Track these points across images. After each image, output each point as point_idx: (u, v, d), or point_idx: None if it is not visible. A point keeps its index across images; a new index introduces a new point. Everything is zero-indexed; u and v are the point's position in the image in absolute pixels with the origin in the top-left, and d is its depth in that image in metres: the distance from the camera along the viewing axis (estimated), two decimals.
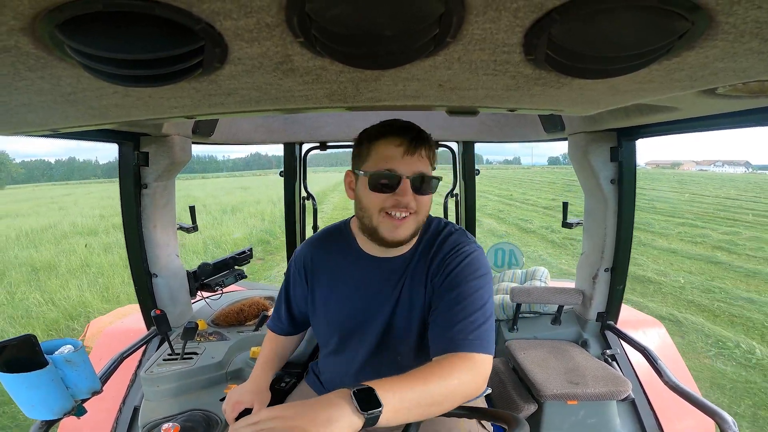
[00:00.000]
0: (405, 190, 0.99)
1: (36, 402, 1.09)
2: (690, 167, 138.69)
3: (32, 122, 0.82)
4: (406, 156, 0.99)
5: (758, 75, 0.60)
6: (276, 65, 0.55)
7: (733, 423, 1.20)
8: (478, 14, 0.42)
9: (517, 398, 1.62)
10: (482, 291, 1.02)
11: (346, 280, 1.17)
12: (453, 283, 1.04)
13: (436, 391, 0.83)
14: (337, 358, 1.24)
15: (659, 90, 0.71)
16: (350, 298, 1.16)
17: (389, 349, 1.15)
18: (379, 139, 1.03)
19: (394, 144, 1.00)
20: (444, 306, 1.02)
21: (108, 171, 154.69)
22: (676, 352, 2.11)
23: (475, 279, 1.03)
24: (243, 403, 1.20)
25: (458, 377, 0.88)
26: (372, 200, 1.02)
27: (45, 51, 0.46)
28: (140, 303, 1.83)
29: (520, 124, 2.07)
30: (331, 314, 1.19)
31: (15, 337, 1.04)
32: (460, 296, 1.01)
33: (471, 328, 0.96)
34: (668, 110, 1.04)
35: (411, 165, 1.00)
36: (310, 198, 2.54)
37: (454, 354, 0.94)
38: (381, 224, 1.03)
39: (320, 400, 0.74)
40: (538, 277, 2.34)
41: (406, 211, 1.01)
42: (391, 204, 1.00)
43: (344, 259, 1.18)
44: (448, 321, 0.99)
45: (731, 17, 0.42)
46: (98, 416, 1.60)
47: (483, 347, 0.95)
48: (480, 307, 1.00)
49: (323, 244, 1.24)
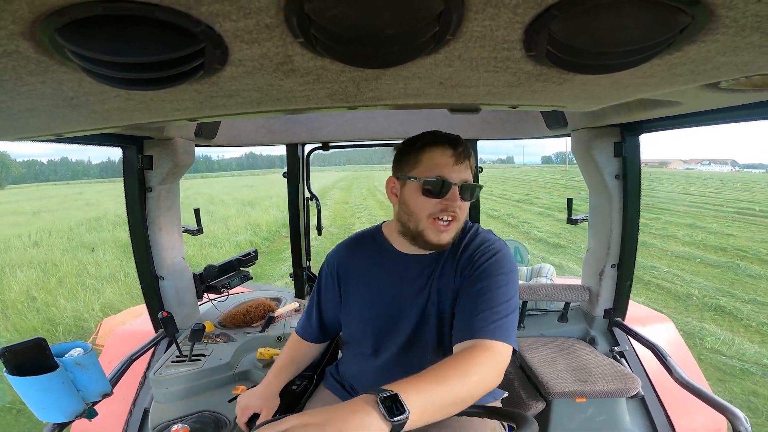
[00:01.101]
0: (454, 196, 1.06)
1: (47, 405, 1.10)
2: (677, 166, 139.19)
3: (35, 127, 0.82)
4: (456, 165, 1.06)
5: (761, 69, 0.60)
6: (277, 66, 0.55)
7: (745, 419, 1.18)
8: (478, 11, 0.42)
9: (525, 396, 1.61)
10: (508, 287, 1.06)
11: (379, 279, 1.21)
12: (480, 277, 1.07)
13: (458, 389, 0.84)
14: (369, 358, 1.24)
15: (662, 84, 0.70)
16: (384, 296, 1.19)
17: (420, 346, 1.17)
18: (428, 148, 1.09)
19: (445, 154, 1.07)
20: (469, 297, 1.06)
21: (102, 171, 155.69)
22: (685, 348, 2.09)
23: (502, 275, 1.07)
24: (251, 408, 1.21)
25: (478, 371, 0.89)
26: (421, 205, 1.08)
27: (46, 55, 0.47)
28: (148, 305, 1.85)
29: (522, 121, 2.06)
30: (366, 313, 1.22)
31: (25, 341, 1.05)
32: (485, 289, 1.05)
33: (493, 318, 1.00)
34: (671, 105, 1.03)
35: (460, 173, 1.07)
36: (313, 198, 2.54)
37: (474, 342, 0.97)
38: (428, 228, 1.08)
39: (347, 406, 0.73)
40: (544, 274, 2.33)
41: (451, 215, 1.07)
42: (440, 209, 1.06)
43: (377, 259, 1.23)
44: (471, 310, 1.03)
45: (732, 11, 0.42)
46: (109, 418, 1.62)
47: (503, 337, 0.98)
48: (504, 301, 1.03)
49: (355, 248, 1.29)
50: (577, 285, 1.96)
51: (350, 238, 1.34)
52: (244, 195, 27.28)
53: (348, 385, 1.30)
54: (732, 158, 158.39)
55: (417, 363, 1.14)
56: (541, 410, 1.58)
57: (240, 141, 2.09)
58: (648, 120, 1.44)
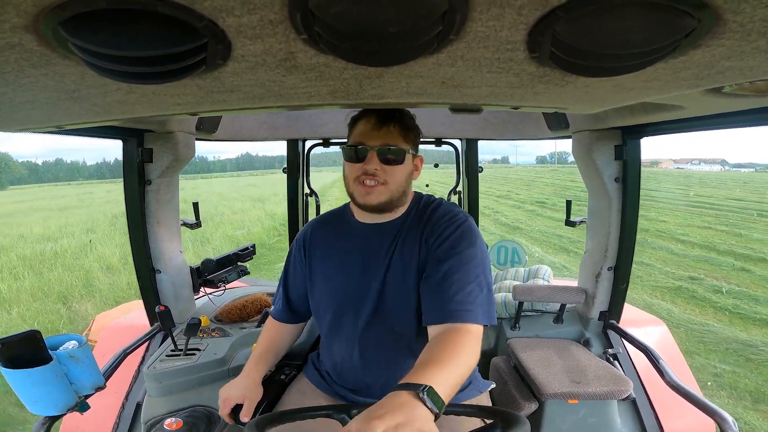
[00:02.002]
0: (371, 159, 1.11)
1: (39, 398, 1.10)
2: (668, 165, 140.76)
3: (36, 119, 0.82)
4: (374, 131, 1.12)
5: (765, 74, 0.60)
6: (279, 62, 0.55)
7: (733, 423, 1.20)
8: (482, 11, 0.42)
9: (518, 396, 1.62)
10: (476, 260, 1.09)
11: (342, 251, 1.24)
12: (449, 254, 1.10)
13: (460, 373, 0.89)
14: (335, 336, 1.24)
15: (665, 88, 0.70)
16: (346, 268, 1.22)
17: (386, 318, 1.17)
18: (357, 120, 1.17)
19: (366, 121, 1.14)
20: (440, 277, 1.08)
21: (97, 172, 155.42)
22: (678, 351, 2.10)
23: (469, 248, 1.10)
24: (233, 399, 1.21)
25: (469, 352, 0.96)
26: (348, 170, 1.16)
27: (49, 48, 0.46)
28: (144, 299, 1.84)
29: (523, 122, 2.06)
30: (329, 287, 1.24)
31: (19, 333, 1.05)
32: (455, 267, 1.07)
33: (469, 299, 1.03)
34: (674, 109, 1.03)
35: (378, 138, 1.11)
36: (312, 194, 2.54)
37: (454, 326, 1.01)
38: (355, 191, 1.15)
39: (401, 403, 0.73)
40: (541, 276, 2.33)
41: (374, 179, 1.11)
42: (362, 173, 1.12)
43: (340, 231, 1.27)
44: (445, 291, 1.05)
45: (739, 16, 0.42)
46: (101, 412, 1.61)
47: (479, 317, 1.03)
48: (475, 277, 1.06)
49: (323, 223, 1.33)
50: (574, 287, 1.97)
51: (322, 214, 1.38)
52: (251, 193, 29.40)
53: (325, 371, 1.30)
54: (722, 158, 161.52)
55: (387, 333, 1.17)
56: (534, 411, 1.59)
57: (241, 136, 2.08)
58: (650, 123, 1.44)
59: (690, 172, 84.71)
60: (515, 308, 2.00)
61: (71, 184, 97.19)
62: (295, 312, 1.37)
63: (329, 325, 1.25)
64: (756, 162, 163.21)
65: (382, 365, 1.18)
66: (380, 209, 1.16)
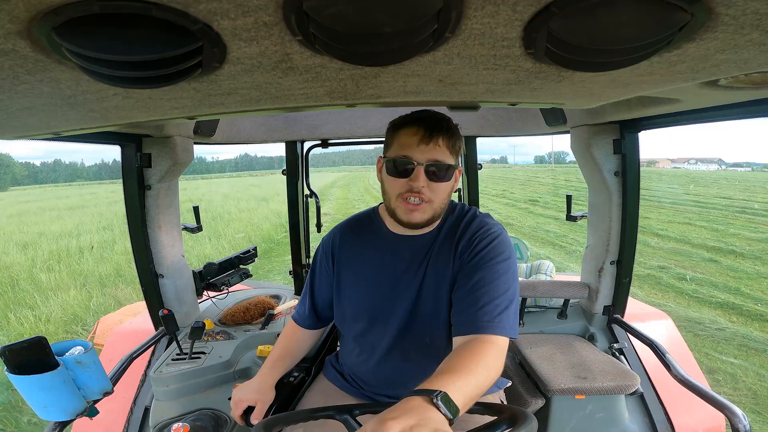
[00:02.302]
0: (418, 176, 1.04)
1: (48, 403, 1.10)
2: (665, 165, 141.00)
3: (34, 126, 0.82)
4: (422, 144, 1.04)
5: (760, 66, 0.59)
6: (275, 64, 0.55)
7: (743, 416, 1.19)
8: (477, 9, 0.42)
9: (525, 393, 1.62)
10: (507, 275, 1.06)
11: (373, 260, 1.20)
12: (480, 264, 1.07)
13: (480, 382, 0.86)
14: (363, 344, 1.23)
15: (661, 82, 0.70)
16: (377, 279, 1.18)
17: (417, 329, 1.16)
18: (400, 128, 1.09)
19: (412, 132, 1.05)
20: (470, 287, 1.05)
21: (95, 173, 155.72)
22: (684, 344, 2.09)
23: (502, 262, 1.07)
24: (246, 401, 1.21)
25: (492, 364, 0.93)
26: (390, 185, 1.09)
27: (43, 54, 0.46)
28: (147, 303, 1.85)
29: (521, 118, 2.06)
30: (359, 296, 1.21)
31: (25, 339, 1.05)
32: (485, 279, 1.04)
33: (496, 312, 1.00)
34: (670, 102, 1.03)
35: (426, 153, 1.04)
36: (312, 196, 2.54)
37: (480, 337, 0.98)
38: (398, 208, 1.08)
39: (414, 407, 0.72)
40: (544, 271, 2.33)
41: (419, 197, 1.05)
42: (406, 189, 1.06)
43: (371, 240, 1.22)
44: (474, 303, 1.02)
45: (731, 9, 0.42)
46: (110, 417, 1.62)
47: (506, 330, 0.99)
48: (504, 291, 1.03)
49: (351, 229, 1.27)
50: (577, 282, 1.97)
51: (347, 220, 1.32)
52: (255, 193, 30.00)
53: (348, 375, 1.29)
54: (718, 157, 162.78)
55: (417, 343, 1.16)
56: (541, 407, 1.59)
57: (239, 138, 2.08)
58: (647, 117, 1.44)
59: (686, 171, 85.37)
60: (519, 304, 2.00)
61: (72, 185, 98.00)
62: (320, 318, 1.34)
63: (357, 334, 1.23)
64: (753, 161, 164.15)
65: (410, 373, 1.15)
66: (422, 227, 1.12)
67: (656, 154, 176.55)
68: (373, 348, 1.21)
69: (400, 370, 1.19)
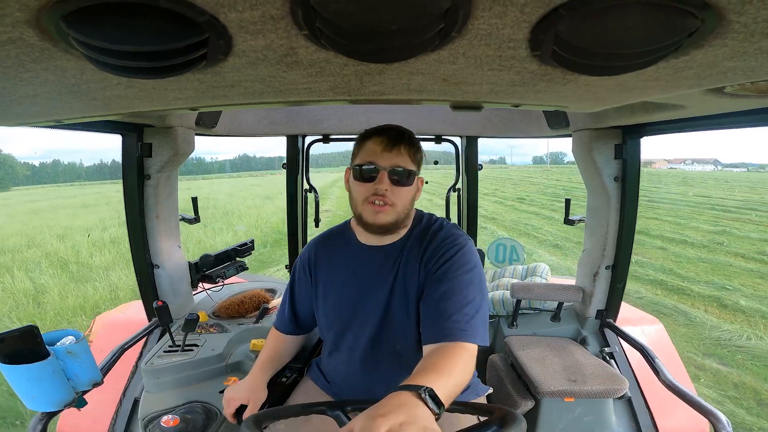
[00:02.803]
0: (382, 179, 1.12)
1: (37, 393, 1.09)
2: (662, 165, 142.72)
3: (36, 113, 0.82)
4: (385, 152, 1.12)
5: (767, 75, 0.59)
6: (280, 58, 0.54)
7: (727, 423, 1.21)
8: (485, 9, 0.42)
9: (515, 394, 1.63)
10: (473, 284, 1.11)
11: (344, 271, 1.25)
12: (446, 275, 1.12)
13: (458, 381, 0.90)
14: (338, 351, 1.27)
15: (666, 88, 0.70)
16: (347, 287, 1.23)
17: (388, 337, 1.20)
18: (367, 139, 1.17)
19: (376, 141, 1.14)
20: (437, 298, 1.10)
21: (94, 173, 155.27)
22: (673, 350, 2.11)
23: (467, 273, 1.12)
24: (238, 399, 1.24)
25: (465, 365, 0.98)
26: (356, 190, 1.16)
27: (50, 43, 0.46)
28: (142, 294, 1.84)
29: (524, 120, 2.05)
30: (331, 304, 1.26)
31: (16, 328, 1.04)
32: (453, 289, 1.09)
33: (465, 320, 1.05)
34: (675, 108, 1.03)
35: (389, 159, 1.12)
36: (312, 190, 2.53)
37: (451, 344, 1.02)
38: (364, 211, 1.15)
39: (402, 402, 0.73)
40: (539, 274, 2.34)
41: (383, 200, 1.12)
42: (371, 193, 1.12)
43: (343, 251, 1.28)
44: (442, 313, 1.07)
45: (742, 16, 0.42)
46: (98, 408, 1.61)
47: (475, 337, 1.05)
48: (471, 300, 1.09)
49: (325, 242, 1.34)
50: (571, 285, 1.98)
51: (322, 234, 1.38)
52: (257, 192, 31.52)
53: (329, 378, 1.33)
54: (714, 158, 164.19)
55: (388, 352, 1.20)
56: (530, 408, 1.60)
57: (241, 131, 2.07)
58: (650, 123, 1.44)
59: (681, 172, 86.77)
60: (513, 306, 2.01)
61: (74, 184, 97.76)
62: (299, 326, 1.40)
63: (332, 342, 1.29)
64: (749, 162, 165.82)
65: (382, 382, 1.18)
66: (386, 230, 1.17)
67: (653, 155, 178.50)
68: (347, 355, 1.25)
69: (373, 377, 1.22)
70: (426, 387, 0.77)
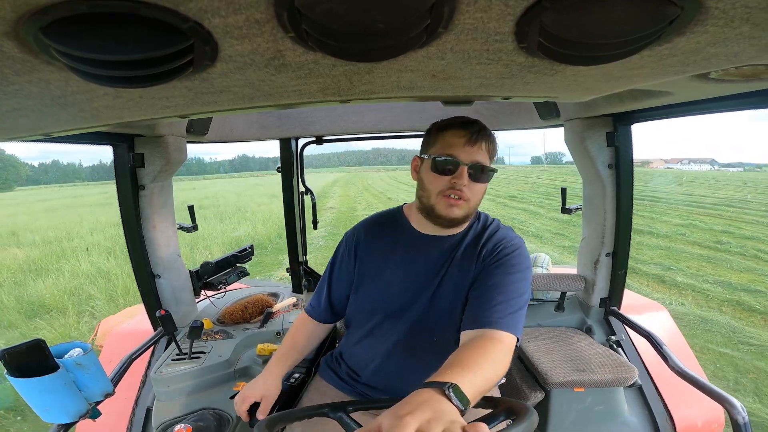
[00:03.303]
0: (462, 174, 1.10)
1: (50, 405, 1.10)
2: (659, 165, 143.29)
3: (24, 127, 0.81)
4: (467, 146, 1.10)
5: (750, 59, 0.60)
6: (268, 61, 0.55)
7: (741, 408, 1.20)
8: (470, 4, 0.42)
9: (524, 387, 1.63)
10: (523, 282, 1.12)
11: (396, 257, 1.24)
12: (500, 269, 1.13)
13: (488, 376, 0.87)
14: (372, 337, 1.25)
15: (652, 75, 0.71)
16: (399, 275, 1.22)
17: (428, 328, 1.19)
18: (446, 130, 1.14)
19: (458, 134, 1.11)
20: (488, 286, 1.11)
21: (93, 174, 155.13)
22: (680, 336, 2.10)
23: (520, 271, 1.13)
24: (251, 396, 1.22)
25: (499, 359, 0.95)
26: (433, 181, 1.13)
27: (31, 55, 0.46)
28: (145, 304, 1.85)
29: (515, 112, 2.06)
30: (379, 290, 1.24)
31: (23, 342, 1.05)
32: (502, 281, 1.10)
33: (509, 310, 1.05)
34: (662, 95, 1.04)
35: (470, 154, 1.10)
36: (308, 192, 2.54)
37: (488, 332, 1.01)
38: (438, 203, 1.13)
39: (426, 399, 0.72)
40: (540, 264, 2.34)
41: (460, 194, 1.10)
42: (449, 187, 1.11)
43: (396, 237, 1.26)
44: (488, 300, 1.07)
45: (721, 2, 0.42)
46: (112, 418, 1.62)
47: (515, 329, 1.03)
48: (519, 295, 1.09)
49: (376, 226, 1.31)
50: (573, 274, 1.98)
51: (371, 217, 1.36)
52: (262, 191, 32.71)
53: (346, 373, 1.31)
54: (711, 157, 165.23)
55: (425, 340, 1.19)
56: (540, 400, 1.60)
57: (233, 137, 2.07)
58: (640, 110, 1.44)
59: (678, 171, 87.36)
60: None
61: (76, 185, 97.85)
62: (334, 312, 1.36)
63: (369, 328, 1.26)
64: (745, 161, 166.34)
65: (416, 371, 1.15)
66: (457, 224, 1.16)
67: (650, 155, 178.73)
68: (381, 343, 1.23)
69: (404, 366, 1.21)
70: (450, 383, 0.75)
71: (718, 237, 11.44)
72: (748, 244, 10.38)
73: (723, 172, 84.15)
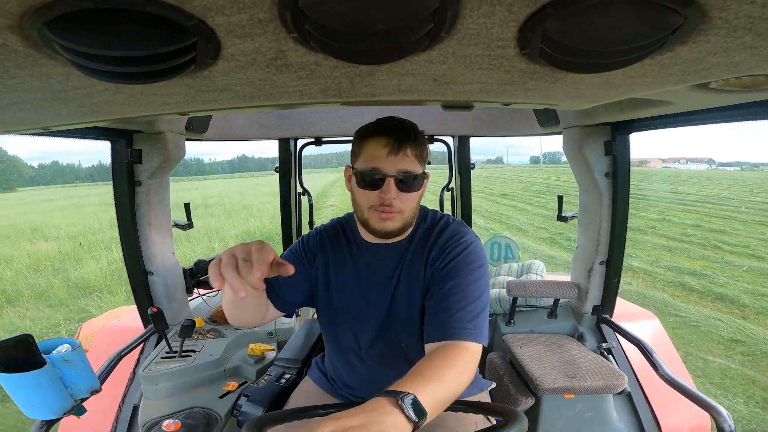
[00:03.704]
0: (389, 188, 1.03)
1: (35, 402, 1.09)
2: (656, 164, 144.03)
3: (23, 120, 0.81)
4: (391, 155, 1.03)
5: (751, 70, 0.60)
6: (269, 61, 0.54)
7: (728, 416, 1.21)
8: (473, 9, 0.42)
9: (515, 392, 1.63)
10: (480, 282, 1.07)
11: (348, 267, 1.20)
12: (453, 272, 1.07)
13: (452, 386, 0.85)
14: (340, 348, 1.24)
15: (652, 84, 0.71)
16: (351, 284, 1.18)
17: (392, 335, 1.16)
18: (368, 138, 1.07)
19: (380, 144, 1.04)
20: (443, 294, 1.05)
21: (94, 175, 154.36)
22: (670, 344, 2.12)
23: (474, 270, 1.07)
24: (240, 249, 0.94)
25: (464, 369, 0.92)
26: (362, 197, 1.08)
27: (34, 49, 0.46)
28: (137, 301, 1.83)
29: (514, 118, 2.07)
30: (335, 301, 1.21)
31: (11, 337, 1.04)
32: (458, 286, 1.05)
33: (468, 318, 1.00)
34: (662, 104, 1.04)
35: (395, 164, 1.03)
36: (305, 193, 2.53)
37: (452, 343, 0.97)
38: (370, 218, 1.08)
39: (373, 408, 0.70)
40: (534, 271, 2.35)
41: (390, 209, 1.05)
42: (378, 202, 1.05)
43: (346, 248, 1.21)
44: (446, 309, 1.02)
45: (724, 12, 0.42)
46: (98, 415, 1.60)
47: (478, 337, 0.99)
48: (477, 298, 1.04)
49: (330, 235, 1.26)
50: (567, 282, 1.99)
51: (328, 224, 1.29)
52: (265, 190, 33.18)
53: (331, 377, 1.30)
54: (709, 157, 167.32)
55: (394, 347, 1.17)
56: (531, 406, 1.60)
57: (232, 135, 2.07)
58: (639, 119, 1.45)
59: (675, 171, 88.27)
60: (510, 304, 2.01)
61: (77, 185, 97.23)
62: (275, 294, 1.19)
63: (334, 338, 1.24)
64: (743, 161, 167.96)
65: (385, 380, 1.12)
66: (396, 235, 1.12)
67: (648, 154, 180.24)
68: (349, 350, 1.22)
69: (377, 373, 1.19)
70: (407, 393, 0.73)
71: (687, 230, 12.30)
72: (712, 236, 11.23)
73: (720, 171, 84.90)
